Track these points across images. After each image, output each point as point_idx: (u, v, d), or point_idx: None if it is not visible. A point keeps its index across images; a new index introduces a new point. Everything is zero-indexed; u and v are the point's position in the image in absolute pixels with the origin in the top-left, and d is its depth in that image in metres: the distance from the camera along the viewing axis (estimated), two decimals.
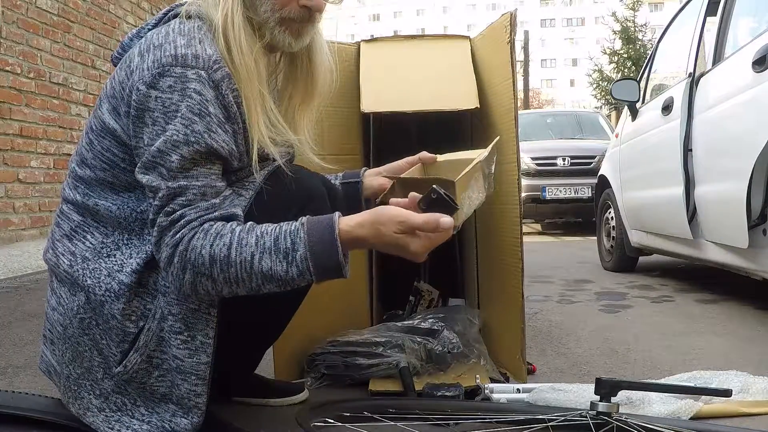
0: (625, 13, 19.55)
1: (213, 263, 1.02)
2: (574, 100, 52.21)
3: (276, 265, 1.01)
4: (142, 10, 5.80)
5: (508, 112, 1.64)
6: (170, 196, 1.05)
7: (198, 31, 1.10)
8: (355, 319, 1.78)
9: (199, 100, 1.05)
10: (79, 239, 1.16)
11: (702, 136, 2.73)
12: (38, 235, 4.25)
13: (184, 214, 1.04)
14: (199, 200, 1.06)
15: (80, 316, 1.13)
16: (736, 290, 3.03)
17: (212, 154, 1.07)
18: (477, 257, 1.92)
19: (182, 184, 1.05)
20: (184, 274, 1.03)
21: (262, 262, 1.01)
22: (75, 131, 4.70)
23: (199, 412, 1.13)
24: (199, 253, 1.02)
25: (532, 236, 6.96)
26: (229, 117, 1.10)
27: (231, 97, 1.10)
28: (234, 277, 1.02)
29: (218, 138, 1.07)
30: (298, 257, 1.02)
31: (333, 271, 1.04)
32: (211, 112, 1.07)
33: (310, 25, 1.20)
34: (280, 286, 1.04)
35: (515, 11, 1.68)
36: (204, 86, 1.06)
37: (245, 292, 1.05)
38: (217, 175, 1.10)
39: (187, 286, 1.05)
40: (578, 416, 1.24)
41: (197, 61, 1.07)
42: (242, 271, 1.02)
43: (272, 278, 1.03)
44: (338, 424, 1.24)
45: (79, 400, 1.16)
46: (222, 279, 1.03)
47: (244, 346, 1.37)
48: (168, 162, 1.04)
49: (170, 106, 1.05)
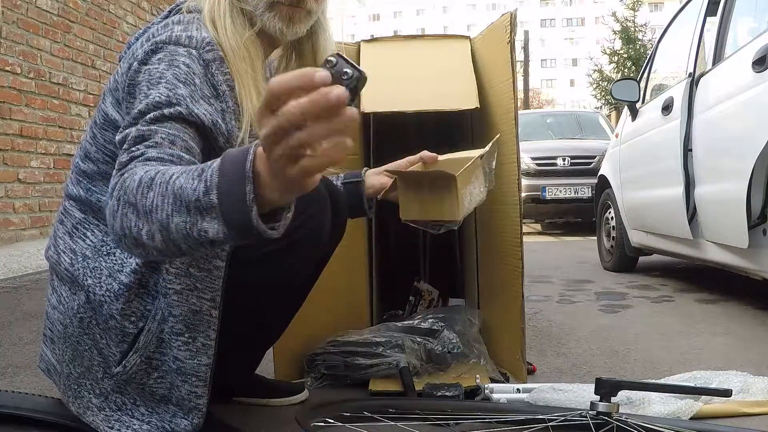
0: (625, 13, 19.57)
1: (139, 186, 0.88)
2: (574, 100, 52.20)
3: (187, 182, 0.83)
4: (142, 10, 5.80)
5: (508, 112, 1.64)
6: (138, 139, 0.98)
7: (195, 21, 1.13)
8: (355, 319, 1.78)
9: (186, 71, 1.05)
10: (80, 236, 1.16)
11: (702, 136, 2.73)
12: (38, 235, 4.26)
13: (146, 152, 0.96)
14: (166, 145, 0.98)
15: (80, 316, 1.13)
16: (736, 290, 3.03)
17: (193, 121, 1.03)
18: (477, 257, 1.92)
19: (152, 128, 0.99)
20: (117, 204, 0.90)
21: (178, 179, 0.85)
22: (75, 131, 4.70)
23: (199, 413, 1.13)
24: (133, 179, 0.90)
25: (532, 236, 6.96)
26: (217, 95, 1.09)
27: (221, 77, 1.09)
28: (151, 203, 0.86)
29: (201, 107, 1.04)
30: (208, 171, 0.82)
31: (237, 184, 0.78)
32: (197, 84, 1.06)
33: (301, 11, 1.19)
34: (186, 221, 0.83)
35: (515, 11, 1.68)
36: (193, 62, 1.07)
37: (158, 233, 0.86)
38: (193, 139, 1.03)
39: (118, 221, 0.90)
40: (578, 416, 1.24)
41: (190, 41, 1.08)
42: (158, 194, 0.86)
43: (181, 200, 0.83)
44: (338, 424, 1.24)
45: (79, 399, 1.16)
46: (141, 206, 0.87)
47: (245, 347, 1.37)
48: (146, 118, 1.00)
49: (156, 74, 1.04)
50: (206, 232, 0.82)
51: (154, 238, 0.86)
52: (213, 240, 0.82)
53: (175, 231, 0.84)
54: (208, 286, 1.09)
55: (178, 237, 0.84)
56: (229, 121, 1.10)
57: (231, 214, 0.79)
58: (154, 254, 0.89)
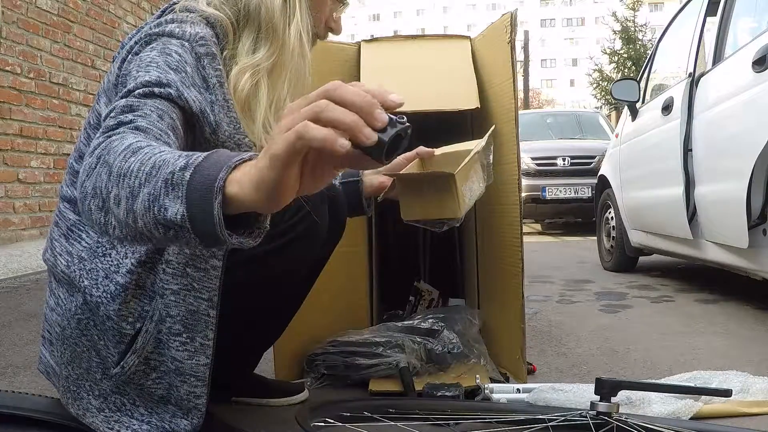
0: (625, 13, 19.59)
1: (126, 150, 0.82)
2: (574, 100, 52.21)
3: (173, 157, 0.77)
4: (142, 10, 5.80)
5: (509, 112, 1.64)
6: (126, 108, 0.93)
7: (189, 19, 1.12)
8: (355, 319, 1.78)
9: (177, 59, 1.04)
10: (75, 238, 1.16)
11: (702, 136, 2.73)
12: (38, 235, 4.26)
13: (135, 120, 0.90)
14: (155, 119, 0.93)
15: (78, 317, 1.13)
16: (736, 290, 3.03)
17: (182, 105, 1.00)
18: (477, 257, 1.92)
19: (141, 101, 0.95)
20: (96, 161, 0.84)
21: (166, 154, 0.79)
22: (75, 131, 4.70)
23: (198, 413, 1.13)
24: (121, 142, 0.84)
25: (532, 236, 6.96)
26: (207, 87, 1.09)
27: (212, 71, 1.09)
28: (128, 167, 0.79)
29: (191, 93, 1.03)
30: (198, 155, 0.76)
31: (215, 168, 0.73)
32: (188, 72, 1.05)
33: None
34: (151, 193, 0.75)
35: (516, 11, 1.68)
36: (186, 52, 1.06)
37: (124, 200, 0.78)
38: (180, 122, 1.00)
39: (91, 180, 0.83)
40: (578, 416, 1.24)
41: (183, 34, 1.08)
42: (139, 161, 0.79)
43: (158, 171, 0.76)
44: (338, 424, 1.24)
45: (78, 401, 1.16)
46: (117, 168, 0.80)
47: (244, 347, 1.37)
48: (135, 93, 0.96)
49: (146, 60, 1.03)
50: (165, 210, 0.74)
51: (120, 204, 0.79)
52: (169, 222, 0.74)
53: (140, 202, 0.76)
54: (205, 286, 1.09)
55: (139, 209, 0.76)
56: (217, 113, 1.09)
57: (193, 193, 0.72)
58: (113, 224, 0.81)
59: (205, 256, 1.09)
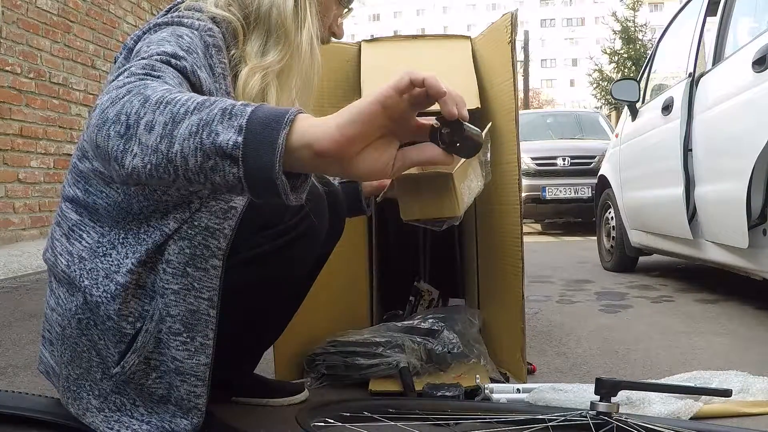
0: (625, 13, 19.60)
1: (159, 88, 0.82)
2: (574, 100, 52.23)
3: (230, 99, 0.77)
4: (142, 10, 5.80)
5: (509, 112, 1.64)
6: (148, 67, 0.90)
7: (197, 15, 1.12)
8: (355, 319, 1.78)
9: (189, 42, 1.04)
10: (76, 238, 1.16)
11: (702, 136, 2.73)
12: (38, 235, 4.26)
13: (163, 75, 0.89)
14: (176, 83, 0.91)
15: (78, 317, 1.13)
16: (736, 290, 3.03)
17: (194, 81, 0.99)
18: (477, 257, 1.92)
19: (161, 65, 0.93)
20: (126, 93, 0.81)
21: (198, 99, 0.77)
22: (75, 131, 4.70)
23: (198, 413, 1.13)
24: (161, 83, 0.85)
25: (532, 236, 6.96)
26: (213, 75, 1.08)
27: (217, 61, 1.09)
28: (175, 98, 0.78)
29: (203, 73, 1.02)
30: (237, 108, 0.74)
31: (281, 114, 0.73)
32: (199, 54, 1.05)
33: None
34: (202, 119, 0.74)
35: (516, 11, 1.68)
36: (196, 38, 1.06)
37: (160, 125, 0.76)
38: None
39: (114, 109, 0.81)
40: (578, 416, 1.24)
41: (192, 24, 1.08)
42: (190, 97, 0.78)
43: (212, 102, 0.76)
44: (338, 424, 1.24)
45: (78, 401, 1.16)
46: (157, 98, 0.78)
47: (245, 347, 1.37)
48: (153, 58, 0.95)
49: (156, 39, 1.02)
50: (216, 135, 0.72)
51: (152, 130, 0.76)
52: (217, 148, 0.72)
53: (184, 127, 0.74)
54: (205, 286, 1.09)
55: (181, 134, 0.74)
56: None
57: (254, 124, 0.71)
58: (132, 152, 0.77)
59: (205, 256, 1.09)
